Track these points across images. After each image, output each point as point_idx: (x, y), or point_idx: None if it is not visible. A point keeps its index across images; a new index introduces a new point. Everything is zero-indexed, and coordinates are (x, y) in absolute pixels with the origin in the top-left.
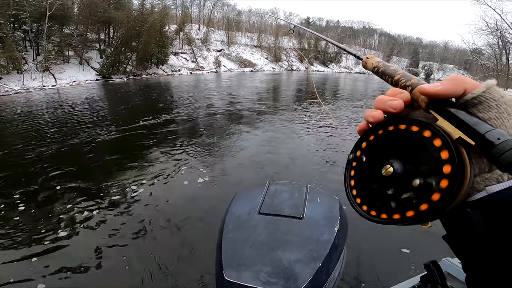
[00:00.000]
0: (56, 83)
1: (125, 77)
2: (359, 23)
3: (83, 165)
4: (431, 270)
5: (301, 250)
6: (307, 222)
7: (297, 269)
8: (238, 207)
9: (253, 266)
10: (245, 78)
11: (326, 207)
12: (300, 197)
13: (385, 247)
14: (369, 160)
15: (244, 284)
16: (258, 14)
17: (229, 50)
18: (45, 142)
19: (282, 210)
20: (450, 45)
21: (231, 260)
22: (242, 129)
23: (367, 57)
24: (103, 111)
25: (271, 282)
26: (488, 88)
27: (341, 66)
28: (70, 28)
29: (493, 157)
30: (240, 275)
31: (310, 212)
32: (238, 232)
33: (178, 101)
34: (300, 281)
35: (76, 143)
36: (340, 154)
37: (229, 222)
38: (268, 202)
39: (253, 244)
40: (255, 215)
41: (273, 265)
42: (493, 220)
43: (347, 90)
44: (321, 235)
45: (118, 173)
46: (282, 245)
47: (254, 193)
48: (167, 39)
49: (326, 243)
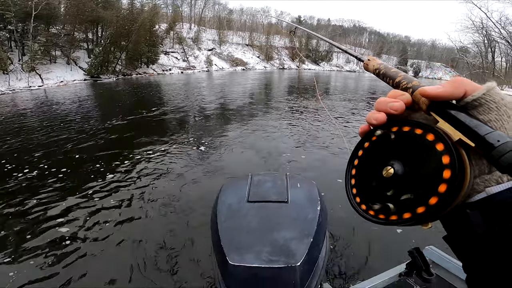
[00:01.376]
0: (43, 84)
1: (114, 77)
2: (350, 22)
3: (68, 165)
4: (414, 256)
5: (293, 229)
6: (293, 205)
7: (293, 246)
8: (226, 198)
9: (253, 248)
10: (237, 77)
11: (307, 191)
12: (282, 184)
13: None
14: (370, 161)
15: (249, 265)
16: (249, 12)
17: (220, 49)
18: (32, 144)
19: (268, 196)
20: (438, 44)
21: (232, 246)
22: (235, 127)
23: (368, 59)
24: (91, 112)
25: (272, 260)
26: (488, 90)
27: (332, 64)
28: (57, 28)
29: (493, 159)
30: (243, 257)
31: (293, 196)
32: (231, 220)
33: (168, 100)
34: (298, 255)
35: (61, 145)
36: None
37: (221, 212)
38: (254, 191)
39: (249, 229)
40: (244, 204)
41: (271, 244)
42: (492, 221)
43: (339, 87)
44: (307, 215)
45: (96, 179)
46: (275, 227)
47: (239, 184)
48: (158, 38)
49: (312, 221)
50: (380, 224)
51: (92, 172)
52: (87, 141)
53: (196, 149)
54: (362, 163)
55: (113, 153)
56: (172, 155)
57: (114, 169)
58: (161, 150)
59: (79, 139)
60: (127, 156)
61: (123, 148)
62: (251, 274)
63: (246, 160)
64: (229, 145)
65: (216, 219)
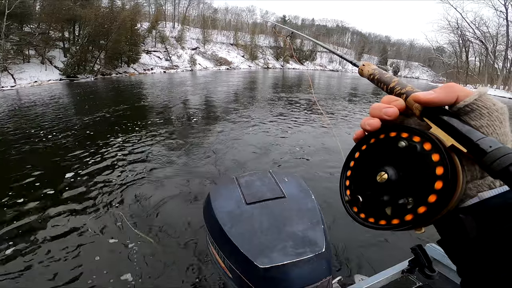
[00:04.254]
0: (16, 84)
1: (92, 77)
2: (333, 22)
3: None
4: (417, 253)
5: (302, 221)
6: (291, 198)
7: (311, 235)
8: (221, 205)
9: (276, 247)
10: (222, 76)
11: (296, 184)
12: (270, 182)
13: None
14: (364, 166)
15: (280, 264)
16: (234, 12)
17: (204, 48)
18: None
19: (265, 195)
20: (416, 44)
21: (254, 250)
22: (216, 128)
23: (363, 64)
24: (63, 112)
25: (299, 252)
26: (480, 96)
27: (316, 63)
28: (31, 26)
29: (485, 165)
30: (271, 258)
31: (287, 190)
32: (239, 226)
33: (150, 100)
34: (320, 242)
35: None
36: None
37: (223, 220)
38: (247, 193)
39: (262, 229)
40: (244, 207)
41: (291, 238)
42: (485, 226)
43: (322, 86)
44: (307, 205)
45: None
46: (285, 222)
47: (228, 189)
48: (139, 37)
49: (314, 210)
50: (381, 230)
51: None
52: (55, 144)
53: (177, 149)
54: (356, 169)
55: (82, 154)
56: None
57: (79, 174)
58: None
59: (48, 140)
60: (96, 161)
61: (95, 150)
62: (284, 272)
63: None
64: (210, 146)
65: (221, 228)
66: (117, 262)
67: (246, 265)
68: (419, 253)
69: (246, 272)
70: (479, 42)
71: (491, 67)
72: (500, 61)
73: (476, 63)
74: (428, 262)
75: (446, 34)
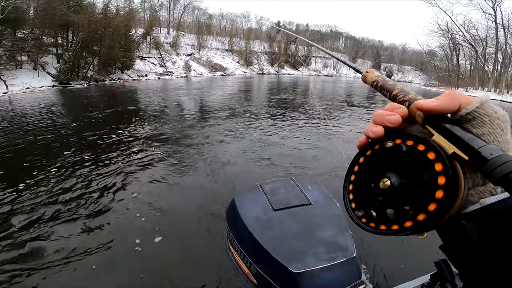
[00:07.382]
0: (8, 90)
1: (85, 83)
2: (327, 27)
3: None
4: (441, 268)
5: (331, 227)
6: (317, 205)
7: (341, 241)
8: (248, 212)
9: (308, 252)
10: (217, 82)
11: (319, 191)
12: (295, 188)
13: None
14: (368, 173)
15: (314, 268)
16: (229, 18)
17: (199, 54)
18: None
19: (291, 202)
20: (408, 48)
21: (287, 255)
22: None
23: (366, 71)
24: (55, 120)
25: (332, 257)
26: (481, 103)
27: (310, 69)
28: (24, 32)
29: (486, 172)
30: (305, 263)
31: (312, 197)
32: (270, 232)
33: (143, 106)
34: (350, 248)
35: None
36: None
37: (252, 227)
38: (273, 199)
39: (292, 235)
40: (272, 213)
41: (322, 244)
42: (487, 231)
43: (317, 90)
44: (334, 212)
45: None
46: (315, 228)
47: (254, 196)
48: (133, 43)
49: (341, 217)
50: (381, 235)
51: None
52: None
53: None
54: (360, 175)
55: (77, 165)
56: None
57: (77, 187)
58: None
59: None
60: (95, 172)
61: (91, 159)
62: (318, 276)
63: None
64: (219, 155)
65: (251, 234)
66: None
67: (277, 269)
68: (443, 267)
69: (276, 276)
70: (469, 45)
71: (481, 70)
72: (490, 64)
73: (467, 66)
74: (451, 276)
75: (437, 38)
